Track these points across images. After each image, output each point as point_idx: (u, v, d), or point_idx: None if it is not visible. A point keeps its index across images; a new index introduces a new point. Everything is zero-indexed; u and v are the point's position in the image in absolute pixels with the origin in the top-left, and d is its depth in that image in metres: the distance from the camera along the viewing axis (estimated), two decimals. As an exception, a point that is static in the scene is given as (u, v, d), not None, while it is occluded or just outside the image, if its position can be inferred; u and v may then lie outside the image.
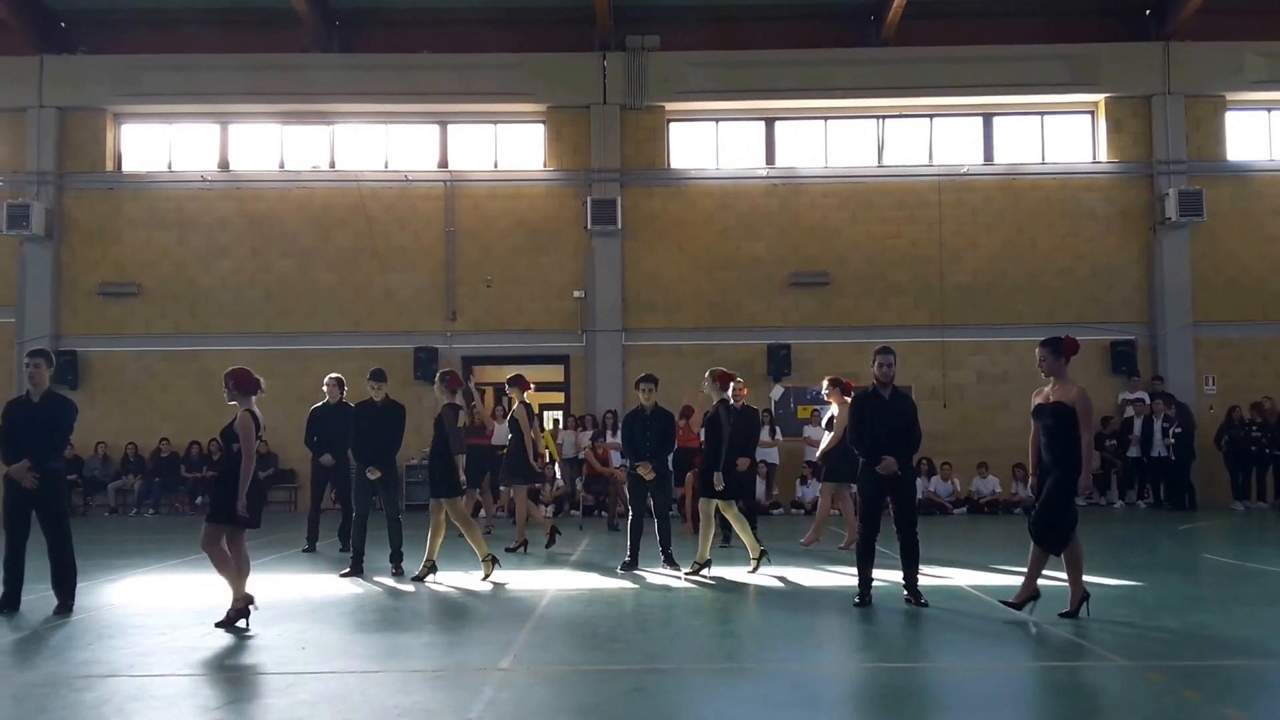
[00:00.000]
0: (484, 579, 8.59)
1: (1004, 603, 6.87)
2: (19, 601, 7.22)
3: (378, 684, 5.12)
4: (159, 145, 18.73)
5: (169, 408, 17.81)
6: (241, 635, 6.37)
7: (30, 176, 17.92)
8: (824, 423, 11.40)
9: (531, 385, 11.05)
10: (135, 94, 18.21)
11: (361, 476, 9.29)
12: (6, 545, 7.24)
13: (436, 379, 9.35)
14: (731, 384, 11.17)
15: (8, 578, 7.23)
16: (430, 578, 8.69)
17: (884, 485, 7.16)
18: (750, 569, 8.92)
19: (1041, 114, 18.58)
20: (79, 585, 7.42)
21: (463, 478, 8.83)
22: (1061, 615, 6.70)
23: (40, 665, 5.74)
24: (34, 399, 7.35)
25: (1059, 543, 6.63)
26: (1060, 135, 18.59)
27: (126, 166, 18.59)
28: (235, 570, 6.65)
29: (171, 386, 17.93)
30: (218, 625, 6.50)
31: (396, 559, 9.17)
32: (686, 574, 8.83)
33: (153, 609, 7.46)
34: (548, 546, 10.75)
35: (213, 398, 17.76)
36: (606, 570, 9.25)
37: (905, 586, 7.23)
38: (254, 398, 6.81)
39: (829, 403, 11.20)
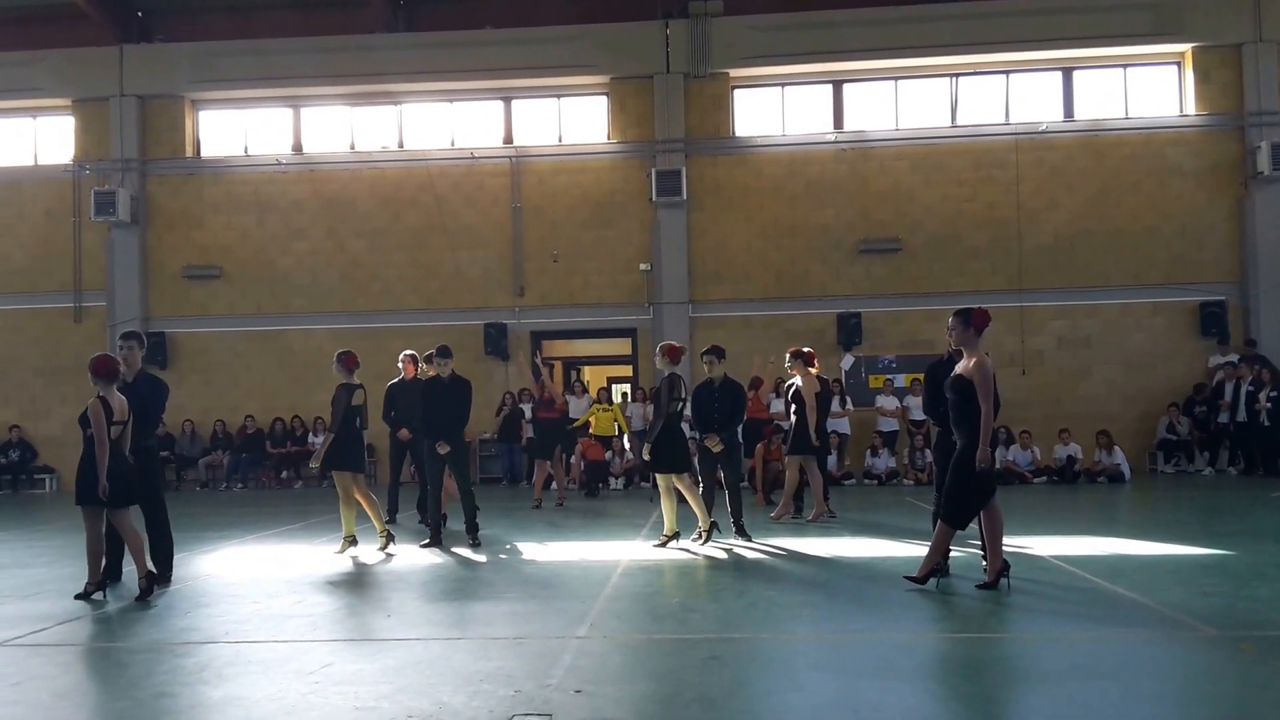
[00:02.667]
0: (339, 552, 8.93)
1: (907, 578, 6.71)
2: (120, 572, 7.55)
3: (461, 650, 5.26)
4: (235, 130, 19.22)
5: (253, 385, 18.39)
6: (150, 603, 6.73)
7: (115, 164, 18.56)
8: (789, 396, 11.02)
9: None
10: (212, 80, 18.68)
11: (432, 451, 9.47)
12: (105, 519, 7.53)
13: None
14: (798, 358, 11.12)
15: (108, 550, 7.51)
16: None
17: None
18: (697, 539, 8.92)
19: (1124, 66, 17.86)
20: (175, 556, 7.75)
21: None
22: (979, 587, 6.59)
23: (143, 633, 6.01)
24: (128, 380, 7.64)
25: (963, 519, 6.54)
26: (1145, 88, 17.86)
27: (205, 152, 19.13)
28: (137, 546, 6.95)
29: (255, 365, 18.50)
30: (139, 596, 6.82)
31: (472, 530, 9.35)
32: (655, 545, 8.85)
33: (246, 578, 7.76)
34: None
35: (295, 376, 18.38)
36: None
37: (984, 557, 7.11)
38: (114, 385, 7.04)
39: (794, 375, 10.92)
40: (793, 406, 10.84)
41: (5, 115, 19.38)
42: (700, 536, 8.99)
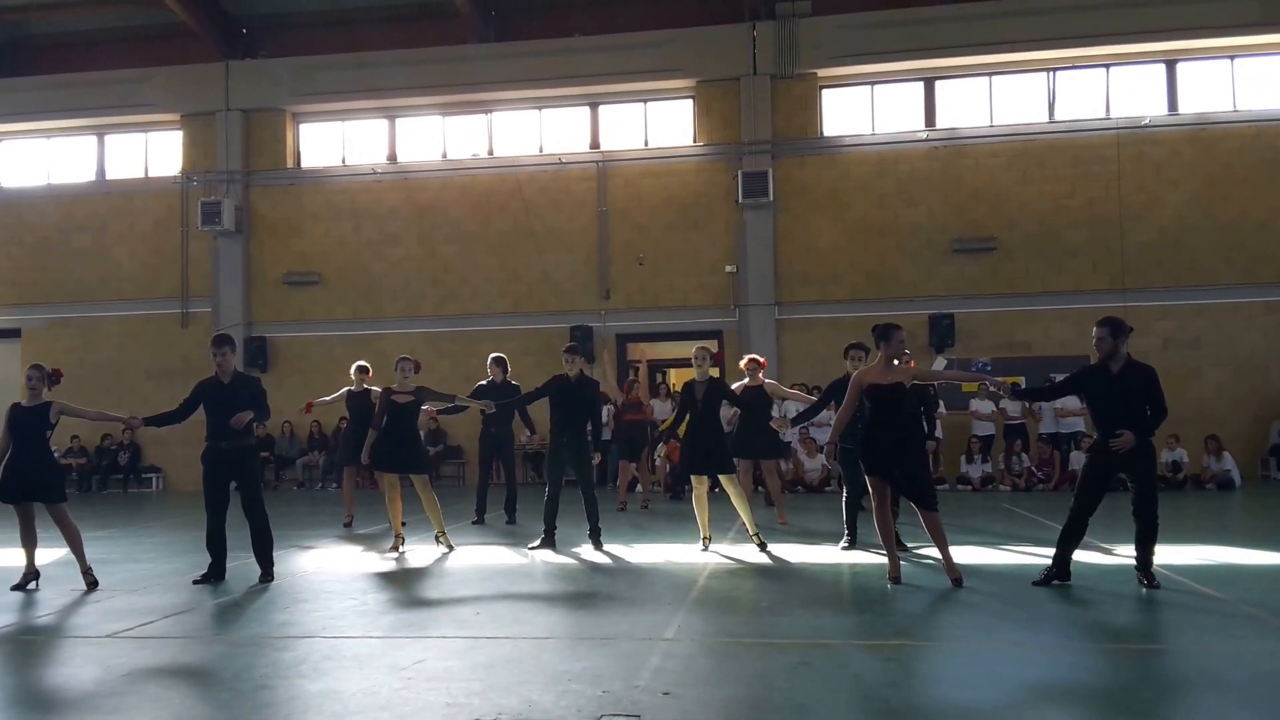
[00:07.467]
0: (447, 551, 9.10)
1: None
2: (225, 571, 7.76)
3: (549, 650, 5.29)
4: (333, 141, 19.84)
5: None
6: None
7: (220, 176, 19.35)
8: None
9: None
10: (312, 93, 19.32)
11: (553, 453, 9.48)
12: (208, 519, 7.68)
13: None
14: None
15: (212, 550, 7.70)
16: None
17: (1113, 464, 6.82)
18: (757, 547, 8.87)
19: (1231, 57, 17.06)
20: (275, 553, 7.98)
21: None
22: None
23: (244, 627, 6.22)
24: (224, 382, 7.72)
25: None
26: (1254, 79, 17.01)
27: (305, 163, 19.78)
28: (65, 541, 7.59)
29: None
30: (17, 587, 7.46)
31: (595, 534, 9.27)
32: (759, 550, 8.75)
33: (342, 575, 7.97)
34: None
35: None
36: (771, 542, 9.14)
37: (1138, 567, 6.81)
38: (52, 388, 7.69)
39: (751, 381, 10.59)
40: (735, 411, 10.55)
41: (119, 131, 20.38)
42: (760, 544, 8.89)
